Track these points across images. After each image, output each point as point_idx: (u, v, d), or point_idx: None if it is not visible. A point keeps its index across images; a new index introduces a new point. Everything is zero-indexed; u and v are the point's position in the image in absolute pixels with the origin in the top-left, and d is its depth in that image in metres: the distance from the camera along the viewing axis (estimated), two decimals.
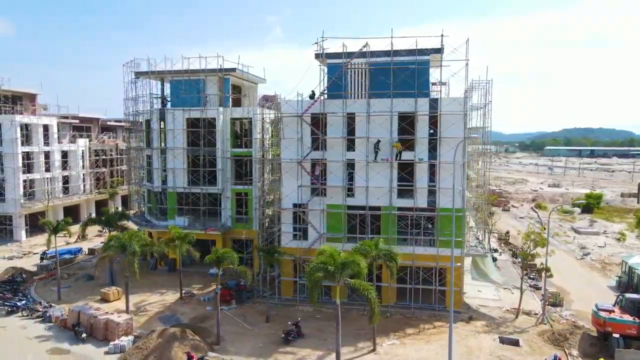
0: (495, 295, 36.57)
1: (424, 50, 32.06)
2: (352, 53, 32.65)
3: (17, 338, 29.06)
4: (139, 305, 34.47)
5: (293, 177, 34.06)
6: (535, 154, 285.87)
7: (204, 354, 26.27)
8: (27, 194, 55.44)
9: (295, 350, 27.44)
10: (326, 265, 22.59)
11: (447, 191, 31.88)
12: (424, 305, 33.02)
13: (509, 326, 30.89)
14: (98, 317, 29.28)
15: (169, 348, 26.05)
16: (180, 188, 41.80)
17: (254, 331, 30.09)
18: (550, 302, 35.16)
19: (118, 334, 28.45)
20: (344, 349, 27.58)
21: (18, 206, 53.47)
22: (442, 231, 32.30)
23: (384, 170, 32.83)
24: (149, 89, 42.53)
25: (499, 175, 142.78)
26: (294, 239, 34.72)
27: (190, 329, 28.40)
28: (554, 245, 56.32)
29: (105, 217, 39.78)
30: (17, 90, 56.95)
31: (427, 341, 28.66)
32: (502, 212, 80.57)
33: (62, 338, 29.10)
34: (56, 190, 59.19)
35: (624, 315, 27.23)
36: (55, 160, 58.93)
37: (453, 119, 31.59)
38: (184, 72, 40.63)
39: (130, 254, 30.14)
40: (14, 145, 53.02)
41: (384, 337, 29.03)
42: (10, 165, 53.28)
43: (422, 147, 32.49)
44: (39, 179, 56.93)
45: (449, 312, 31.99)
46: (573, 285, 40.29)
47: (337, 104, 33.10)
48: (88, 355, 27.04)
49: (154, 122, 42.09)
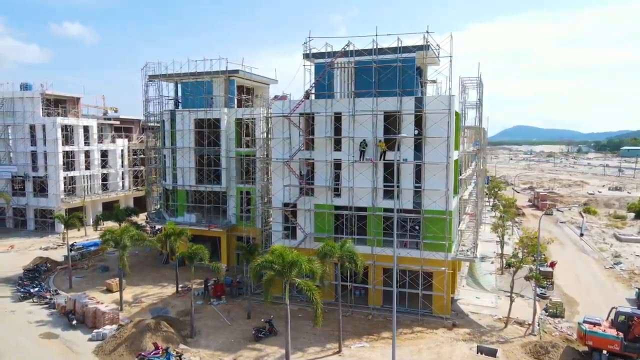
0: (493, 303, 34.90)
1: (408, 47, 31.25)
2: (334, 53, 32.46)
3: (19, 322, 31.66)
4: (138, 297, 36.33)
5: (281, 176, 34.45)
6: (610, 155, 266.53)
7: (175, 346, 27.31)
8: (67, 190, 59.92)
9: (262, 347, 27.83)
10: (272, 263, 22.78)
11: (432, 193, 30.94)
12: (410, 309, 32.19)
13: (493, 335, 29.40)
14: (88, 306, 31.30)
15: (140, 338, 27.38)
16: (188, 186, 43.51)
17: (232, 327, 30.81)
18: (550, 312, 33.08)
19: (104, 323, 30.27)
20: (311, 349, 27.73)
21: (58, 201, 57.93)
22: (426, 234, 31.35)
23: (368, 171, 32.37)
24: (160, 92, 44.55)
25: (558, 177, 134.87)
26: (283, 238, 35.09)
27: (168, 322, 29.62)
28: (584, 252, 52.82)
29: (115, 212, 42.20)
30: (61, 94, 61.73)
31: (398, 346, 27.87)
32: (543, 215, 76.13)
33: (57, 324, 31.38)
34: (95, 187, 63.49)
35: (609, 330, 25.09)
36: (94, 159, 63.24)
37: (438, 117, 30.55)
38: (190, 75, 42.29)
39: (121, 248, 31.88)
40: (55, 145, 57.53)
41: (356, 339, 28.71)
42: (52, 163, 57.90)
43: (406, 147, 31.68)
44: (78, 176, 61.31)
45: (434, 317, 31.32)
46: (587, 296, 37.54)
47: (321, 103, 33.08)
48: (73, 340, 28.96)
49: (165, 123, 44.09)
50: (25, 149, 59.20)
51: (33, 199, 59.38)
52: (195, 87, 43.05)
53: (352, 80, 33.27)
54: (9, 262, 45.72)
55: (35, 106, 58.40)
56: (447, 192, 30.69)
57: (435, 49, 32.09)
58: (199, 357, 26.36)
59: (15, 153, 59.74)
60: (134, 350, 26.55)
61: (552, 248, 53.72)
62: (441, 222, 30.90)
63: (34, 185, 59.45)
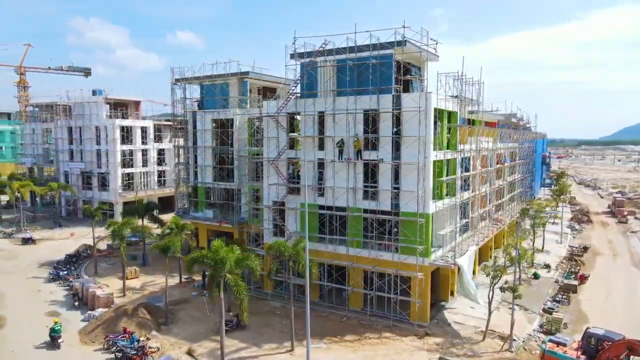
0: (486, 314, 32.31)
1: (384, 45, 30.25)
2: (312, 52, 32.39)
3: (37, 300, 35.82)
4: (145, 285, 39.22)
5: (271, 175, 35.15)
6: None
7: (147, 332, 29.28)
8: (125, 185, 65.88)
9: (225, 340, 28.69)
10: (203, 258, 23.64)
11: (408, 194, 29.71)
12: (389, 314, 31.11)
13: (464, 348, 27.54)
14: (89, 290, 34.53)
15: (116, 322, 29.75)
16: (207, 183, 45.87)
17: (210, 318, 32.11)
18: (545, 329, 30.08)
19: (99, 305, 33.25)
20: (267, 346, 28.17)
21: (117, 195, 63.99)
22: (402, 237, 30.15)
23: (347, 170, 31.88)
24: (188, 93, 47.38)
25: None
26: (274, 236, 35.77)
27: (149, 309, 31.73)
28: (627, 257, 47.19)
29: (136, 207, 45.77)
30: (122, 98, 68.04)
31: (355, 350, 27.33)
32: (616, 223, 68.46)
33: (65, 304, 35.03)
34: (151, 183, 69.02)
35: (571, 352, 22.36)
36: (151, 157, 68.76)
37: (413, 116, 29.23)
38: (206, 78, 44.49)
39: (119, 239, 34.76)
40: (114, 144, 63.60)
41: (317, 340, 28.52)
42: (112, 160, 64.09)
43: (384, 146, 30.70)
44: (136, 173, 67.13)
45: (410, 325, 30.08)
46: (607, 316, 33.30)
47: (305, 103, 33.20)
48: (69, 319, 32.15)
49: (189, 123, 46.88)
50: (92, 147, 66.11)
51: (97, 193, 66.14)
52: (213, 89, 45.23)
53: (331, 79, 32.98)
54: (64, 248, 51.46)
55: (100, 109, 64.99)
56: (423, 194, 29.26)
57: (416, 44, 30.67)
58: (159, 344, 27.98)
59: (84, 151, 66.93)
60: (107, 333, 28.94)
61: (600, 260, 48.52)
62: (417, 225, 29.52)
63: (98, 180, 66.18)
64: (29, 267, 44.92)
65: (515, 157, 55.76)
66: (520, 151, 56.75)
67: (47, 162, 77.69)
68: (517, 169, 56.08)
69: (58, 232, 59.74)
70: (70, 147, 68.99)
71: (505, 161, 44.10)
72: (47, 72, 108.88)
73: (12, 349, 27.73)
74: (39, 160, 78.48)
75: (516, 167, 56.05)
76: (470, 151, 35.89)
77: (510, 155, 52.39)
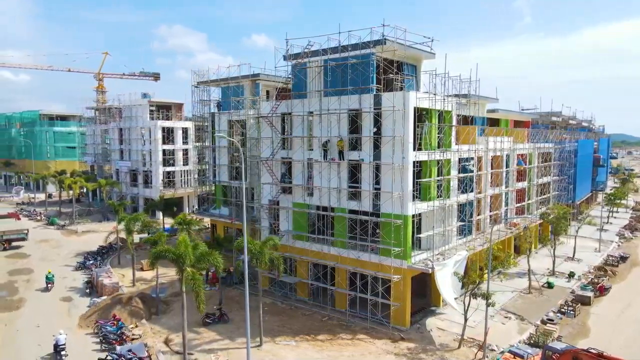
0: (476, 322, 30.91)
1: (365, 44, 29.94)
2: (298, 54, 32.72)
3: (59, 286, 39.12)
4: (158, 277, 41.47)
5: (265, 174, 35.99)
6: None
7: (137, 320, 31.24)
8: (166, 183, 69.79)
9: (203, 332, 30.00)
10: (167, 253, 24.88)
11: (387, 195, 29.25)
12: (371, 316, 30.76)
13: (435, 355, 26.67)
14: (98, 279, 37.27)
15: (110, 309, 31.97)
16: (224, 182, 47.66)
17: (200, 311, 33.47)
18: (533, 341, 28.28)
19: (105, 293, 35.84)
20: (240, 340, 28.90)
21: (158, 192, 67.98)
22: (383, 238, 29.72)
23: (333, 170, 31.93)
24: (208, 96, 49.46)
25: None
26: (270, 234, 36.55)
27: (142, 299, 33.71)
28: None
29: (155, 203, 48.43)
30: (165, 101, 72.07)
31: (321, 349, 27.38)
32: None
33: (79, 291, 38.04)
34: (191, 180, 72.47)
35: None
36: (191, 156, 72.23)
37: (393, 115, 28.72)
38: (222, 81, 46.23)
39: (127, 233, 37.21)
40: (157, 144, 67.63)
41: (290, 337, 28.93)
42: (155, 159, 68.21)
43: (366, 146, 30.42)
44: (177, 171, 70.88)
45: (388, 328, 29.62)
46: (612, 333, 30.60)
47: (296, 103, 33.66)
48: (77, 305, 34.97)
49: (208, 124, 48.95)
50: (137, 147, 70.74)
51: (142, 190, 70.67)
52: (228, 91, 46.85)
53: (318, 79, 33.14)
54: (103, 240, 55.74)
55: (144, 112, 69.38)
56: (401, 195, 28.67)
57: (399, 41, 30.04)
58: (143, 331, 29.73)
59: (131, 151, 71.76)
60: (101, 318, 31.19)
61: (636, 272, 44.52)
62: (396, 227, 28.98)
63: (143, 178, 70.66)
64: (67, 256, 49.17)
65: (550, 158, 52.41)
66: (555, 152, 53.19)
67: (105, 161, 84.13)
68: (551, 171, 52.67)
69: (104, 225, 64.55)
70: (120, 146, 74.35)
71: (519, 163, 41.61)
72: (122, 78, 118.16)
73: (17, 329, 30.72)
74: (99, 159, 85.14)
75: (550, 168, 52.66)
76: (475, 151, 34.57)
77: (539, 156, 49.36)
